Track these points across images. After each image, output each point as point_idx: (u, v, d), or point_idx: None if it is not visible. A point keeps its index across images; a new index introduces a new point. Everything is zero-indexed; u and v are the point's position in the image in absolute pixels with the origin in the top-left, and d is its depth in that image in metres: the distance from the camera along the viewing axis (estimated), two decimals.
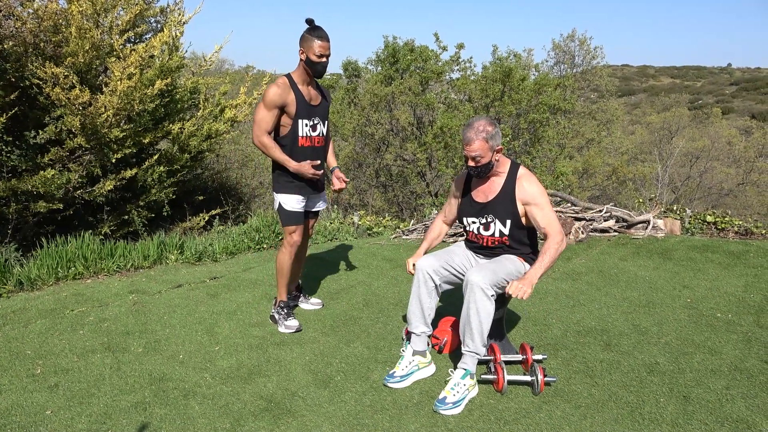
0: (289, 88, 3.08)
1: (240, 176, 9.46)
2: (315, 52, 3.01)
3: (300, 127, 3.15)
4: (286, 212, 3.26)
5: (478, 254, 2.87)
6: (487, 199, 2.75)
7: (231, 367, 2.86)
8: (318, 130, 3.25)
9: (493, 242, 2.77)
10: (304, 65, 3.08)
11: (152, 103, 5.26)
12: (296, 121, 3.12)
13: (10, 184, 4.50)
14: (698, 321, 3.47)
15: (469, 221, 2.83)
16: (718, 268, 4.52)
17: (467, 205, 2.84)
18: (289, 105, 3.08)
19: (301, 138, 3.16)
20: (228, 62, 24.80)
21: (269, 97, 3.04)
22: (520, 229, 2.73)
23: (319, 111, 3.24)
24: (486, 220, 2.75)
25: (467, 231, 2.87)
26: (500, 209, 2.71)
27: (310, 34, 3.02)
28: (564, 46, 18.62)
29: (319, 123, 3.25)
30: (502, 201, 2.71)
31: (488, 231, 2.76)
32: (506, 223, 2.71)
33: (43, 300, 3.76)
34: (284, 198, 3.24)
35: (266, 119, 3.07)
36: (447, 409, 2.45)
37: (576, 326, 3.40)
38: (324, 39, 3.01)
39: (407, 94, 11.09)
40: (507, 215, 2.70)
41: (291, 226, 3.28)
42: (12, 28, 4.65)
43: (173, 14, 5.98)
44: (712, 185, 17.71)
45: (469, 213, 2.82)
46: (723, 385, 2.69)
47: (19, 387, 2.63)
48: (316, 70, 3.07)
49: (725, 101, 63.96)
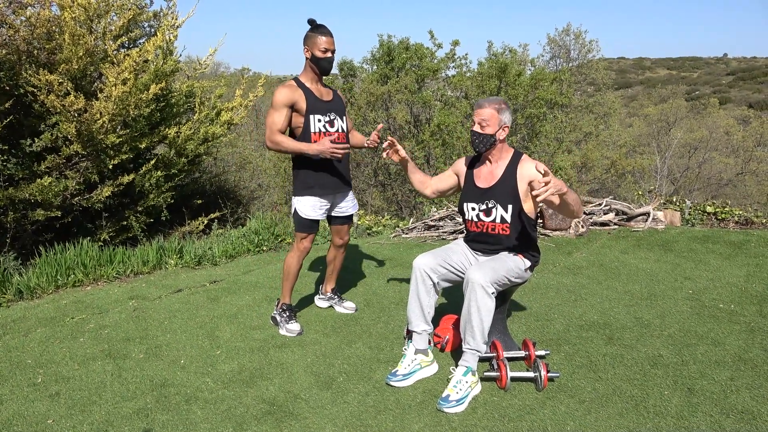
0: (296, 87, 3.07)
1: (238, 179, 9.45)
2: (320, 48, 3.00)
3: (312, 123, 3.09)
4: (300, 218, 3.21)
5: (477, 251, 2.85)
6: (489, 184, 2.75)
7: (233, 371, 2.85)
8: (336, 125, 3.16)
9: (494, 229, 2.74)
10: (310, 63, 3.07)
11: (148, 108, 5.24)
12: (308, 117, 3.08)
13: (7, 193, 4.49)
14: (701, 312, 3.46)
15: (469, 207, 2.81)
16: (720, 259, 4.51)
17: (469, 190, 2.83)
18: (298, 101, 3.05)
19: (314, 134, 3.09)
20: (223, 65, 24.80)
21: (277, 98, 3.03)
22: (522, 219, 2.71)
23: (334, 106, 3.18)
24: (487, 205, 2.74)
25: (467, 221, 2.85)
26: (502, 194, 2.70)
27: (313, 32, 3.03)
28: (559, 41, 18.61)
29: (337, 118, 3.18)
30: (504, 185, 2.70)
31: (489, 217, 2.74)
32: (508, 209, 2.69)
33: (42, 308, 3.75)
34: (300, 202, 3.19)
35: (277, 120, 3.04)
36: (450, 407, 2.44)
37: (578, 321, 3.39)
38: (327, 34, 3.02)
39: (403, 93, 11.08)
40: (509, 199, 2.69)
41: (302, 232, 3.24)
42: (5, 36, 4.63)
43: (166, 18, 5.95)
44: (711, 175, 17.71)
45: (470, 198, 2.80)
46: (727, 376, 2.68)
47: (20, 396, 2.62)
48: (322, 66, 3.06)
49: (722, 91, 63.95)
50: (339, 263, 3.61)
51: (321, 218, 3.27)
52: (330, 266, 3.63)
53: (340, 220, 3.42)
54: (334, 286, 3.71)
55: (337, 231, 3.46)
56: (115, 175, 5.28)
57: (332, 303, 3.68)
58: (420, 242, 5.51)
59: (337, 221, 3.42)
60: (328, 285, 3.69)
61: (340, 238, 3.49)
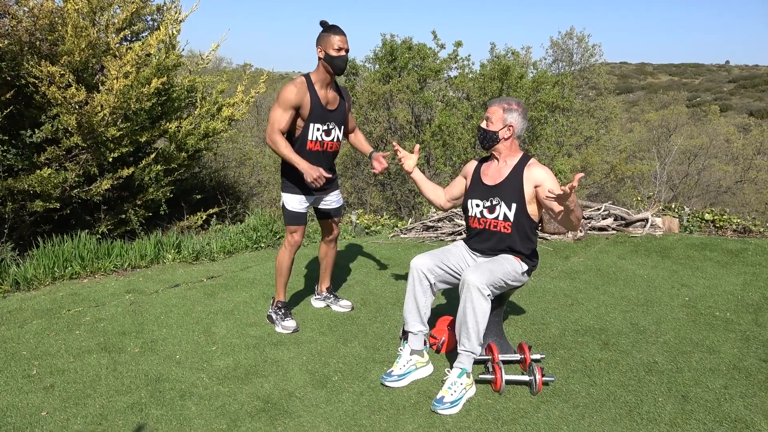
0: (305, 90, 3.05)
1: (238, 175, 9.45)
2: (334, 47, 3.00)
3: (311, 131, 3.11)
4: (288, 212, 3.25)
5: (476, 251, 2.86)
6: (495, 182, 2.78)
7: (228, 368, 2.85)
8: (333, 135, 3.20)
9: (496, 226, 2.75)
10: (323, 63, 3.05)
11: (149, 102, 5.24)
12: (308, 124, 3.09)
13: (6, 184, 4.48)
14: (696, 320, 3.46)
15: (474, 204, 2.82)
16: (717, 267, 4.51)
17: (475, 187, 2.85)
18: (303, 107, 3.05)
19: (310, 142, 3.13)
20: (225, 60, 24.74)
21: (285, 96, 3.02)
22: (524, 220, 2.71)
23: (336, 116, 3.20)
24: (491, 202, 2.75)
25: (470, 218, 2.85)
26: (507, 192, 2.72)
27: (326, 31, 3.03)
28: (562, 44, 18.63)
29: (335, 128, 3.20)
30: (510, 185, 2.73)
31: (493, 214, 2.76)
32: (511, 207, 2.70)
33: (39, 300, 3.74)
34: (288, 197, 3.24)
35: (281, 119, 3.04)
36: (445, 408, 2.44)
37: (574, 325, 3.39)
38: (341, 33, 3.02)
39: (405, 93, 11.08)
40: (514, 198, 2.70)
41: (292, 226, 3.28)
42: (7, 27, 4.62)
43: (170, 12, 5.95)
44: (710, 183, 17.72)
45: (476, 194, 2.82)
46: (721, 384, 2.68)
47: (15, 388, 2.62)
48: (336, 65, 3.05)
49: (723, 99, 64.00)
50: (331, 259, 3.63)
51: (304, 211, 3.30)
52: (323, 263, 3.64)
53: (326, 214, 3.46)
54: (329, 285, 3.71)
55: (325, 225, 3.51)
56: (114, 168, 5.27)
57: (328, 302, 3.68)
58: (418, 243, 5.52)
59: (324, 215, 3.46)
60: (323, 284, 3.70)
61: (329, 232, 3.53)
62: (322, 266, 3.66)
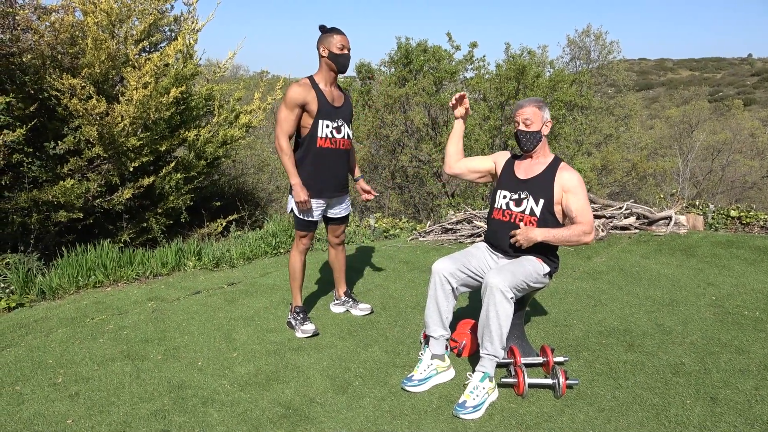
0: (310, 87, 3.09)
1: (256, 181, 9.52)
2: (337, 45, 3.04)
3: (320, 128, 3.13)
4: (297, 217, 3.27)
5: (497, 251, 2.82)
6: (527, 176, 2.78)
7: (249, 374, 2.86)
8: (343, 132, 3.22)
9: (521, 220, 2.73)
10: (327, 61, 3.09)
11: (168, 111, 5.31)
12: (317, 121, 3.11)
13: (31, 195, 4.58)
14: (724, 319, 3.38)
15: (502, 195, 2.82)
16: (744, 264, 4.40)
17: (506, 178, 2.85)
18: (309, 103, 3.07)
19: (320, 139, 3.14)
20: (242, 68, 25.09)
21: (290, 95, 3.05)
22: (549, 218, 2.69)
23: (343, 113, 3.23)
24: (520, 195, 2.75)
25: (494, 209, 2.83)
26: (537, 188, 2.72)
27: (328, 32, 3.08)
28: (579, 42, 18.45)
29: (344, 125, 3.23)
30: (540, 182, 2.73)
31: (519, 207, 2.74)
32: (539, 203, 2.70)
33: (64, 309, 3.81)
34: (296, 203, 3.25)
35: (288, 119, 3.06)
36: (467, 413, 2.42)
37: (598, 326, 3.34)
38: (342, 33, 3.08)
39: (421, 95, 11.05)
40: (542, 195, 2.70)
41: (301, 231, 3.30)
42: (30, 42, 4.73)
43: (187, 22, 6.03)
44: (735, 178, 17.35)
45: (506, 186, 2.82)
46: (752, 385, 2.61)
47: (41, 396, 2.66)
48: (340, 63, 3.08)
49: (746, 92, 62.69)
50: (342, 263, 3.65)
51: (317, 218, 3.30)
52: (335, 267, 3.66)
53: (335, 221, 3.48)
54: (347, 289, 3.71)
55: (332, 230, 3.53)
56: (135, 178, 5.35)
57: (347, 306, 3.68)
58: (437, 245, 5.49)
59: (333, 222, 3.48)
60: (340, 288, 3.70)
61: (335, 237, 3.55)
62: (335, 270, 3.67)
